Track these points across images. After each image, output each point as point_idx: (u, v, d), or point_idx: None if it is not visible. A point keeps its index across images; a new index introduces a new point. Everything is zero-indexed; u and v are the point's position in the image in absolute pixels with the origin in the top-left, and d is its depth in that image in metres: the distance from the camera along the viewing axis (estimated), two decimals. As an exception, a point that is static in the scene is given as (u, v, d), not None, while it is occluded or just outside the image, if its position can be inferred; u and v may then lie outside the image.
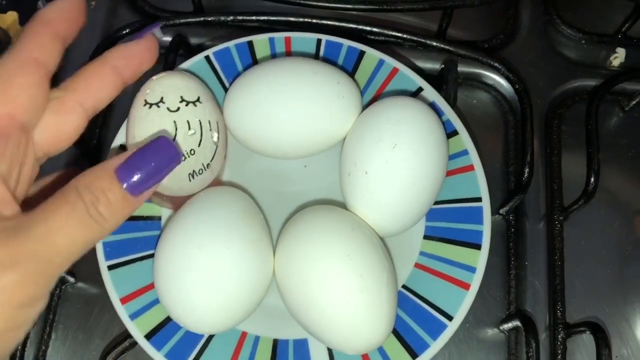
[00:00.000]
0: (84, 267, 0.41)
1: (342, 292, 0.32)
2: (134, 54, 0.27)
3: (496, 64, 0.43)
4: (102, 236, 0.23)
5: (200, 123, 0.35)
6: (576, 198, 0.41)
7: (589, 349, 0.39)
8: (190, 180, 0.35)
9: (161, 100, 0.35)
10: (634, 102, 0.46)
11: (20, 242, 0.21)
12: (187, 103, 0.35)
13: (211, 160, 0.36)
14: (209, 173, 0.36)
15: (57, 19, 0.25)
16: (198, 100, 0.36)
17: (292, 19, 0.44)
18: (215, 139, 0.36)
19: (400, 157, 0.34)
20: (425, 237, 0.37)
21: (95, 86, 0.26)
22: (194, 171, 0.35)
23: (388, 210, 0.35)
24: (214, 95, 0.38)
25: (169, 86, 0.35)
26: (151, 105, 0.35)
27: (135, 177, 0.24)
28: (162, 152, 0.25)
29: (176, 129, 0.34)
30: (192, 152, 0.35)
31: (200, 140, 0.35)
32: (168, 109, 0.35)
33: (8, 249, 0.20)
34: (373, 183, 0.35)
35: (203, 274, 0.32)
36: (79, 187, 0.22)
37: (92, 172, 0.23)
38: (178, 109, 0.35)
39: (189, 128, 0.35)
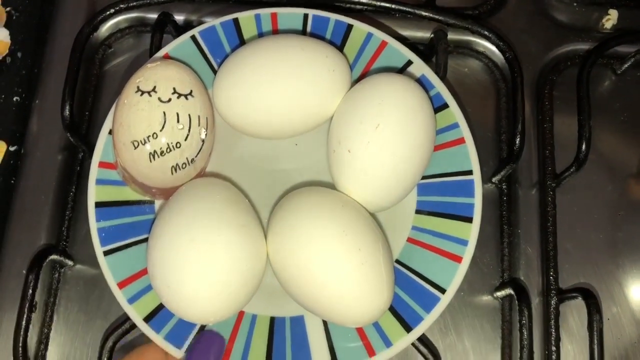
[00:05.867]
0: (81, 250, 0.42)
1: (342, 267, 0.32)
2: None
3: (486, 32, 0.42)
4: None
5: (190, 118, 0.35)
6: (569, 164, 0.41)
7: (581, 311, 0.40)
8: (172, 174, 0.35)
9: (153, 90, 0.34)
10: (626, 65, 0.45)
11: None
12: (179, 96, 0.35)
13: (196, 156, 0.36)
14: (192, 169, 0.36)
15: None
16: (190, 94, 0.35)
17: (278, -9, 0.43)
18: (202, 135, 0.36)
19: (382, 138, 0.34)
20: (417, 211, 0.38)
21: None
22: (177, 164, 0.35)
23: (371, 187, 0.35)
24: (206, 90, 0.38)
25: (162, 76, 0.35)
26: (143, 93, 0.34)
27: None
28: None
29: (165, 120, 0.34)
30: (178, 145, 0.34)
31: (188, 135, 0.35)
32: (159, 99, 0.34)
33: None
34: (356, 162, 0.35)
35: (200, 266, 0.32)
36: None
37: None
38: (169, 100, 0.34)
39: (178, 121, 0.34)
